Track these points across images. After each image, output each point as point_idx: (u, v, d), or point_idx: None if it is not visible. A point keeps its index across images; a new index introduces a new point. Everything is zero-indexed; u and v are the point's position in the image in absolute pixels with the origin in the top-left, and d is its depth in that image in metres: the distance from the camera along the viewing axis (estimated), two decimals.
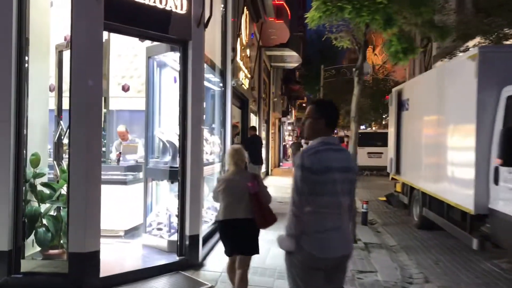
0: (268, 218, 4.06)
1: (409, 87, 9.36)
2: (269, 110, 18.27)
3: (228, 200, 4.09)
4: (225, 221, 4.11)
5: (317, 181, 2.51)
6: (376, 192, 14.27)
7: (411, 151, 8.96)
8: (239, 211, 4.03)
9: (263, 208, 4.04)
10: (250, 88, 11.28)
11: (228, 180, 4.18)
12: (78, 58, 4.39)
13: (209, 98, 8.05)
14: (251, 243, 4.15)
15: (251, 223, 4.01)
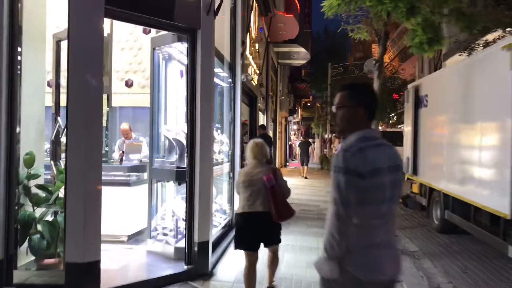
0: (283, 212, 4.08)
1: (428, 83, 8.87)
2: (276, 109, 17.81)
3: (247, 194, 4.12)
4: (244, 214, 4.13)
5: (366, 187, 2.00)
6: None
7: (430, 150, 8.47)
8: (257, 204, 4.06)
9: (278, 202, 4.04)
10: (258, 84, 10.82)
11: (247, 173, 4.21)
12: (76, 48, 3.93)
13: (217, 94, 7.59)
14: (272, 235, 4.23)
15: (270, 216, 4.04)
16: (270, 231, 4.19)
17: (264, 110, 13.80)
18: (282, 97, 18.77)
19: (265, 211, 4.04)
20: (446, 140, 7.53)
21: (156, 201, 5.79)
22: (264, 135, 10.28)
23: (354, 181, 1.98)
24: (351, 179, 1.99)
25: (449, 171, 7.35)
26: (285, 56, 16.46)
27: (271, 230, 4.20)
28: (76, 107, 3.91)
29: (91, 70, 3.94)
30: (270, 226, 4.14)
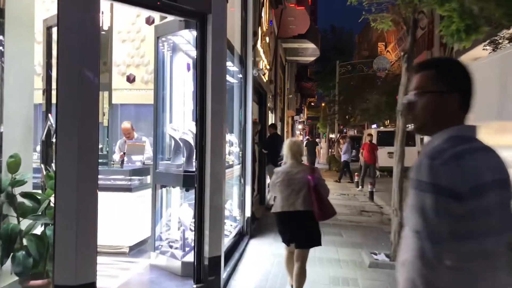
0: (327, 211, 4.11)
1: None
2: (284, 108, 17.18)
3: (286, 193, 4.14)
4: (283, 213, 4.17)
5: (465, 212, 1.31)
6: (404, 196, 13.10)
7: None
8: (298, 203, 4.07)
9: (322, 201, 4.07)
10: (269, 81, 10.21)
11: (286, 172, 4.22)
12: (67, 34, 3.28)
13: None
14: (309, 236, 4.23)
15: (310, 215, 4.06)
16: (307, 230, 4.21)
17: (273, 109, 13.18)
18: (290, 96, 18.14)
19: (306, 210, 4.07)
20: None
21: (160, 208, 5.18)
22: (274, 135, 9.66)
23: (448, 205, 1.30)
24: (444, 202, 1.30)
25: None
26: (293, 52, 15.85)
27: (309, 229, 4.21)
28: (66, 104, 3.28)
29: (84, 61, 3.31)
30: (309, 225, 4.18)
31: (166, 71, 5.24)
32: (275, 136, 9.63)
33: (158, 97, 5.16)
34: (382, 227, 8.44)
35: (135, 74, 6.86)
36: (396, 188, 5.99)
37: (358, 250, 6.56)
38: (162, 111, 5.25)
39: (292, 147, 4.30)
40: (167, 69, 5.32)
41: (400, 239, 4.61)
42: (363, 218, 9.33)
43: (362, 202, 11.52)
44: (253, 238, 6.93)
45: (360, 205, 11.06)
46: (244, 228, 6.78)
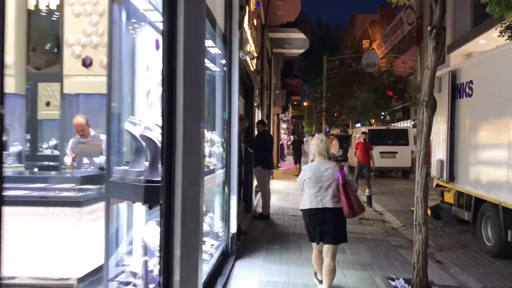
0: (356, 208, 4.17)
1: (473, 67, 7.08)
2: (270, 104, 15.94)
3: (314, 190, 4.21)
4: (312, 210, 4.22)
5: None
6: (402, 200, 11.99)
7: (479, 151, 6.69)
8: (326, 200, 4.16)
9: (350, 198, 4.13)
10: (256, 71, 8.96)
11: (314, 169, 4.27)
12: None
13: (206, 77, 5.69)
14: (339, 233, 4.28)
15: (339, 212, 4.16)
16: (336, 227, 4.25)
17: (260, 105, 11.93)
18: (276, 91, 16.92)
19: (334, 207, 4.15)
20: (509, 139, 5.74)
21: (117, 229, 3.86)
22: (264, 132, 8.41)
23: None
24: None
25: None
26: (280, 44, 14.63)
27: (338, 226, 4.27)
28: None
29: None
30: (337, 222, 4.24)
31: (125, 46, 3.92)
32: (264, 134, 8.38)
33: (113, 83, 3.83)
34: (389, 240, 7.27)
35: (92, 57, 5.49)
36: (420, 197, 4.79)
37: (369, 273, 5.35)
38: (120, 100, 3.93)
39: (319, 144, 4.31)
40: (127, 44, 4.00)
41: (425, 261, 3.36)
42: (365, 228, 8.15)
43: None
44: (239, 258, 5.67)
45: None
46: (228, 247, 5.51)
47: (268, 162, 8.33)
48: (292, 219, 8.56)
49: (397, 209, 10.55)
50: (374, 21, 46.57)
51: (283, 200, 11.00)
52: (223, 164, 5.46)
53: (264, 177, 8.26)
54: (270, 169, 8.59)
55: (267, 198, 8.32)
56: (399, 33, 34.09)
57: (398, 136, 18.21)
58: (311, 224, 4.29)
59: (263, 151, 8.19)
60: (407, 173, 18.25)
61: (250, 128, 8.73)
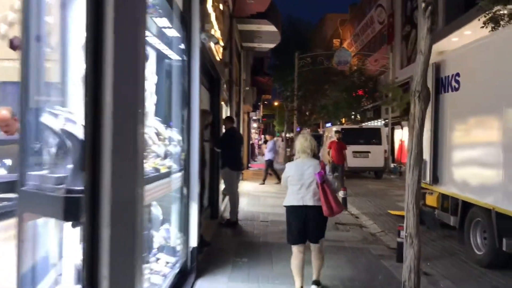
0: (334, 207, 4.20)
1: (461, 57, 6.49)
2: (239, 101, 15.12)
3: (297, 187, 4.27)
4: (293, 207, 4.30)
5: None
6: (377, 202, 11.44)
7: (468, 151, 6.12)
8: (307, 198, 4.22)
9: (329, 197, 4.17)
10: (223, 62, 8.14)
11: (297, 167, 4.34)
12: None
13: (161, 65, 4.85)
14: (319, 230, 4.40)
15: (320, 210, 4.19)
16: (318, 225, 4.34)
17: (228, 101, 11.11)
18: (246, 88, 16.12)
19: (315, 206, 4.20)
20: (504, 137, 5.14)
21: (31, 253, 2.96)
22: (232, 130, 7.60)
23: None
24: None
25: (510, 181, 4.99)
26: (250, 37, 13.84)
27: (319, 224, 4.35)
28: None
29: None
30: (319, 220, 4.30)
31: (41, 18, 3.02)
32: (232, 131, 7.57)
33: (29, 66, 2.93)
34: (369, 248, 6.60)
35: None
36: (411, 204, 4.09)
37: None
38: (42, 87, 3.04)
39: (303, 142, 4.35)
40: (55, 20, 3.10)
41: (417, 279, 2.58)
42: (341, 235, 7.46)
43: None
44: (201, 276, 4.83)
45: None
46: (188, 263, 4.67)
47: (237, 163, 7.52)
48: (263, 226, 7.78)
49: (373, 212, 9.96)
50: (345, 21, 46.47)
51: (253, 204, 10.21)
52: (181, 166, 4.62)
53: (232, 180, 7.45)
54: (239, 170, 7.79)
55: (235, 202, 7.51)
56: (369, 32, 33.93)
57: (371, 135, 17.77)
58: (295, 221, 4.30)
59: (231, 150, 7.38)
60: (380, 173, 17.86)
61: (216, 125, 7.90)
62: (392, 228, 8.13)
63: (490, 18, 7.81)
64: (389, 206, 10.63)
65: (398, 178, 18.04)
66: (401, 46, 24.63)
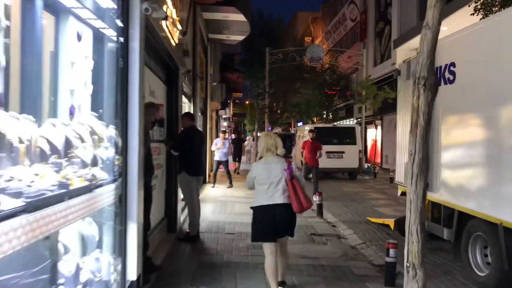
0: (304, 203, 4.18)
1: (456, 44, 5.60)
2: (206, 98, 14.00)
3: (265, 186, 4.18)
4: (263, 207, 4.19)
5: None
6: (354, 207, 10.57)
7: (467, 153, 5.24)
8: (277, 196, 4.15)
9: (299, 193, 4.15)
10: (182, 50, 7.03)
11: (263, 166, 4.26)
12: None
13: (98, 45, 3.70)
14: (289, 227, 4.36)
15: (289, 207, 4.17)
16: (288, 223, 4.29)
17: (191, 96, 9.99)
18: (214, 83, 15.00)
19: (285, 203, 4.15)
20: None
21: None
22: (191, 129, 6.50)
23: None
24: None
25: None
26: (217, 28, 12.75)
27: (289, 221, 4.31)
28: None
29: None
30: (289, 217, 4.26)
31: None
32: (191, 131, 6.48)
33: None
34: (350, 266, 5.64)
35: None
36: (415, 225, 3.14)
37: None
38: None
39: (267, 140, 4.31)
40: None
41: None
42: (318, 249, 6.49)
43: (309, 218, 8.74)
44: None
45: (307, 223, 8.26)
46: None
47: (197, 167, 6.44)
48: (228, 239, 6.73)
49: (351, 219, 9.06)
50: (316, 18, 45.93)
51: (219, 212, 9.14)
52: (115, 174, 3.51)
53: (191, 187, 6.36)
54: (200, 175, 6.69)
55: (195, 213, 6.43)
56: (341, 30, 33.38)
57: (345, 135, 16.97)
58: (264, 221, 4.22)
59: (190, 152, 6.30)
60: (354, 174, 17.08)
61: (174, 123, 6.80)
62: (373, 239, 7.24)
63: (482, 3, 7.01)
64: (368, 212, 9.79)
65: (373, 179, 17.36)
66: (374, 43, 24.05)
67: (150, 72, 5.58)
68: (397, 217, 8.89)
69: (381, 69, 22.42)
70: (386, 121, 23.24)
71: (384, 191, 13.55)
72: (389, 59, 21.48)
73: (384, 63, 22.31)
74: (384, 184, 15.52)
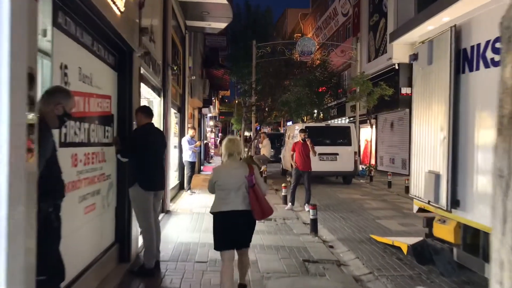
0: (265, 210, 4.12)
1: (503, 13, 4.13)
2: (184, 94, 12.43)
3: (225, 192, 4.08)
4: (222, 213, 4.07)
5: None
6: (354, 219, 9.10)
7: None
8: (237, 202, 4.03)
9: (260, 200, 4.08)
10: (137, 26, 5.46)
11: (224, 170, 4.20)
12: None
13: None
14: (248, 235, 4.23)
15: (249, 214, 4.07)
16: (247, 230, 4.19)
17: (161, 90, 8.43)
18: (193, 77, 13.42)
19: (244, 210, 4.05)
20: None
21: None
22: (149, 127, 4.95)
23: None
24: None
25: None
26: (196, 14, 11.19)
27: (248, 228, 4.20)
28: None
29: None
30: (248, 224, 4.16)
31: None
32: (148, 130, 4.92)
33: None
34: None
35: None
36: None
37: None
38: None
39: (229, 145, 4.21)
40: None
41: None
42: (314, 284, 4.99)
43: (301, 236, 7.25)
44: None
45: (299, 243, 6.76)
46: None
47: (154, 178, 4.89)
48: (198, 271, 5.21)
49: (351, 236, 7.59)
50: (306, 14, 44.53)
51: (192, 229, 7.59)
52: None
53: (146, 205, 4.81)
54: (158, 189, 5.12)
55: (151, 240, 4.88)
56: (333, 25, 31.97)
57: (339, 135, 15.49)
58: (222, 227, 4.08)
59: (145, 159, 4.76)
60: (349, 178, 15.60)
61: (127, 120, 5.24)
62: (382, 267, 5.76)
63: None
64: (370, 226, 8.32)
65: (369, 183, 15.91)
66: (368, 38, 22.66)
67: (84, 51, 4.04)
68: (404, 234, 7.45)
69: (375, 65, 21.04)
70: (380, 120, 21.89)
71: (384, 199, 12.11)
72: (385, 54, 20.11)
73: (378, 58, 20.93)
74: (382, 190, 14.10)
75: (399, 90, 18.49)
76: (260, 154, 17.45)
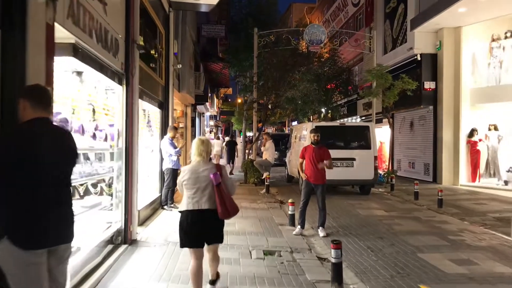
0: (230, 209, 4.17)
1: None
2: (167, 85, 10.09)
3: (192, 191, 4.17)
4: (189, 212, 4.15)
5: None
6: (386, 251, 6.71)
7: None
8: (203, 201, 4.14)
9: (225, 200, 4.13)
10: None
11: (192, 170, 4.22)
12: None
13: None
14: (216, 233, 4.31)
15: (215, 214, 4.14)
16: (214, 229, 4.27)
17: (122, 75, 6.12)
18: (178, 66, 11.09)
19: (211, 209, 4.14)
20: None
21: None
22: (36, 125, 2.62)
23: None
24: None
25: None
26: None
27: (216, 227, 4.28)
28: None
29: None
30: (215, 223, 4.24)
31: None
32: (31, 131, 2.59)
33: None
34: None
35: None
36: None
37: None
38: None
39: (199, 145, 4.27)
40: None
41: None
42: None
43: (315, 279, 4.90)
44: None
45: None
46: None
47: (42, 226, 2.56)
48: None
49: (389, 284, 5.22)
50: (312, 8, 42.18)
51: (160, 273, 5.21)
52: None
53: (29, 275, 2.48)
54: (53, 245, 2.76)
55: None
56: (342, 17, 29.61)
57: (356, 136, 13.04)
58: (190, 227, 4.14)
59: (22, 187, 2.43)
60: (367, 187, 13.10)
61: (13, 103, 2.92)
62: None
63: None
64: (411, 265, 5.93)
65: (389, 193, 13.45)
66: (383, 27, 20.25)
67: None
68: (465, 281, 5.03)
69: (393, 57, 18.63)
70: (397, 119, 19.47)
71: (415, 216, 9.67)
72: (404, 44, 17.70)
73: (397, 49, 18.51)
74: (408, 202, 11.65)
75: (421, 84, 16.09)
76: (262, 159, 15.09)
